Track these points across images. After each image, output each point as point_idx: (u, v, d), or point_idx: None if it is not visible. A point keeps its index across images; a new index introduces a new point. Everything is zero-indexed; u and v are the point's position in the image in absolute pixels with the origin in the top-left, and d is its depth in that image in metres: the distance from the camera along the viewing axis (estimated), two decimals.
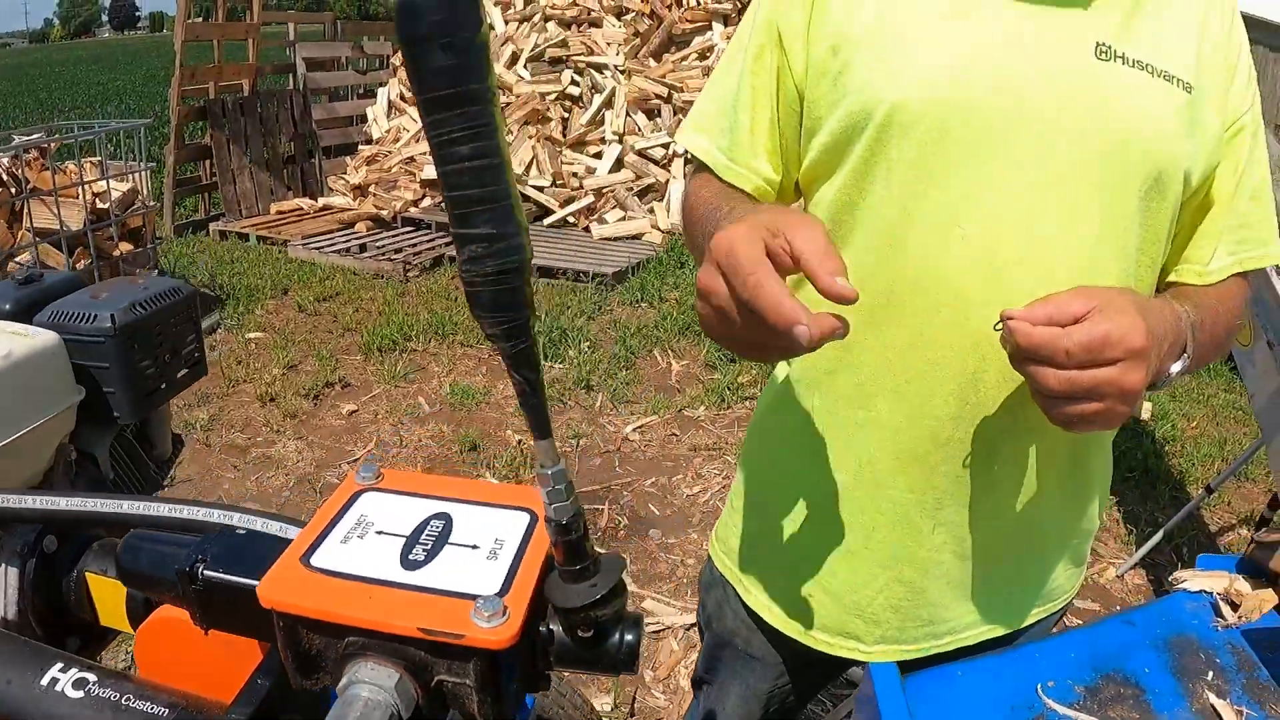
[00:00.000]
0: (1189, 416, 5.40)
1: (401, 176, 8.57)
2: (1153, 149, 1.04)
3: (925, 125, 1.03)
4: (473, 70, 0.53)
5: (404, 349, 5.42)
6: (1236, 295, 1.19)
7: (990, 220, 1.03)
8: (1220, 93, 1.10)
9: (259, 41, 8.94)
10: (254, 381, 4.95)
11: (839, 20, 1.09)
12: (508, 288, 0.59)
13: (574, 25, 9.94)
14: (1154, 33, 1.06)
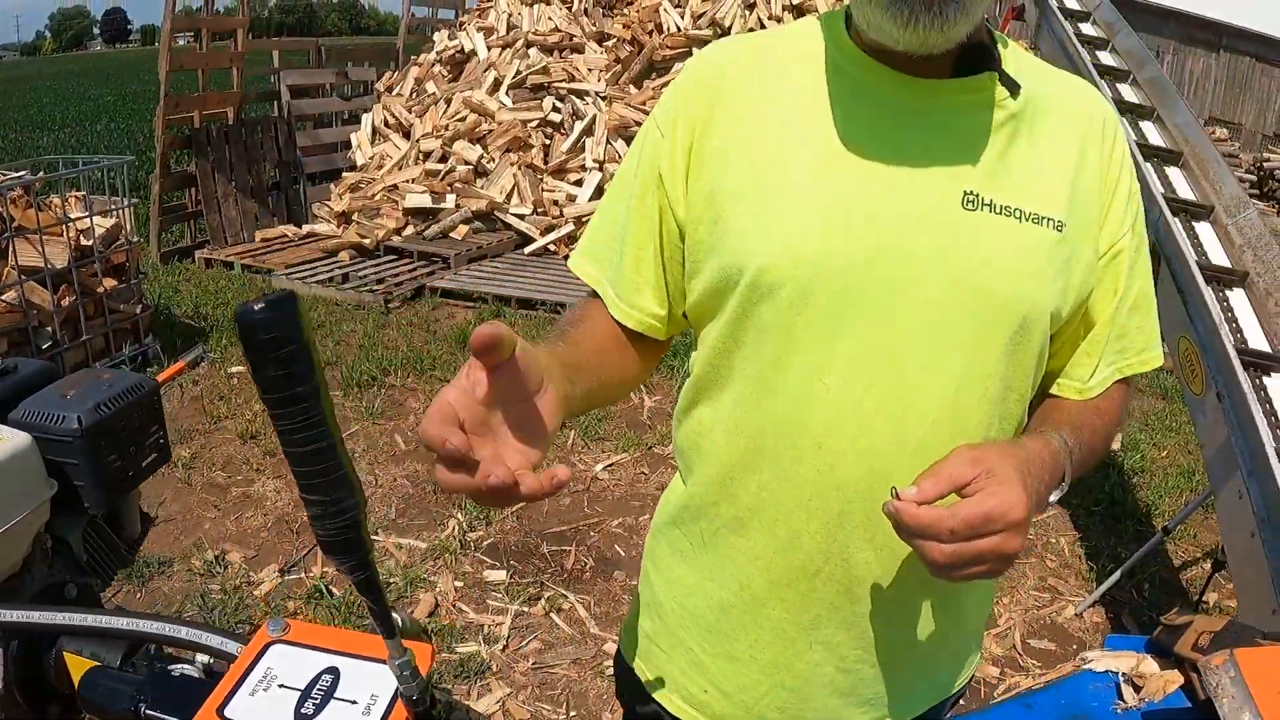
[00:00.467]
0: (1159, 445, 5.47)
1: (384, 204, 8.64)
2: (1018, 296, 1.08)
3: (791, 286, 1.08)
4: (299, 377, 0.69)
5: (382, 384, 5.50)
6: (1118, 402, 1.25)
7: (853, 373, 1.08)
8: (1096, 221, 1.14)
9: (243, 69, 9.03)
10: (235, 418, 5.03)
11: (714, 169, 1.14)
12: (346, 538, 0.76)
13: (556, 51, 10.03)
14: (1025, 175, 1.10)
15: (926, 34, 1.00)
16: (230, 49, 8.83)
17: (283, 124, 9.45)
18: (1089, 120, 1.17)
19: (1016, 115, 1.11)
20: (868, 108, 1.11)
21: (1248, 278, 3.64)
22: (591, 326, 1.24)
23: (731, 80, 1.17)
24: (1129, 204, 1.18)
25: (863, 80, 1.12)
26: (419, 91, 10.42)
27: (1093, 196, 1.14)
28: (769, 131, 1.13)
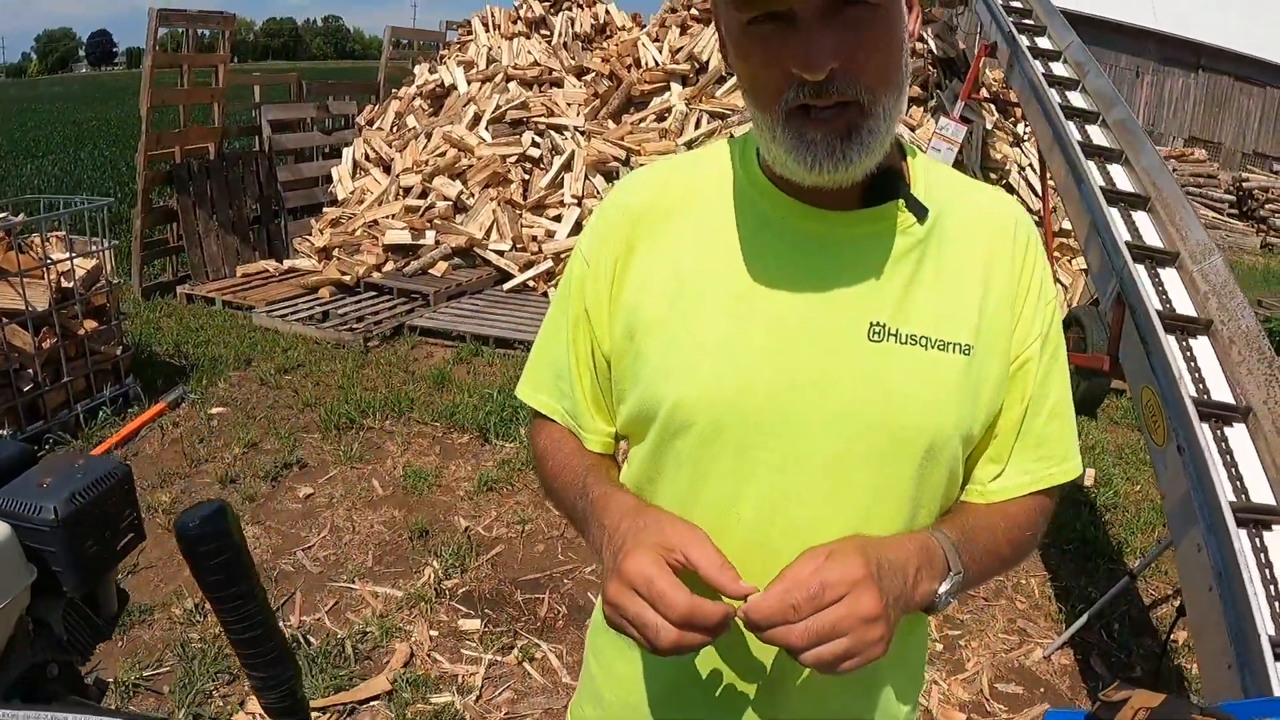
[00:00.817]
0: (1133, 479, 5.50)
1: (365, 240, 8.68)
2: (924, 426, 1.11)
3: (703, 422, 1.13)
4: (235, 579, 0.80)
5: (361, 426, 5.52)
6: (1032, 511, 1.25)
7: (763, 503, 1.13)
8: (1006, 335, 1.17)
9: (224, 104, 9.07)
10: (215, 461, 5.04)
11: (633, 303, 1.18)
12: (284, 705, 0.86)
13: (535, 85, 10.08)
14: (931, 302, 1.13)
15: (831, 175, 1.04)
16: (211, 84, 8.86)
17: (264, 158, 9.48)
18: (999, 230, 1.20)
19: (923, 240, 1.14)
20: (776, 240, 1.15)
21: (1211, 325, 3.67)
22: (568, 462, 1.30)
23: (648, 213, 1.21)
24: (1040, 311, 1.20)
25: (771, 212, 1.16)
26: (399, 125, 10.47)
27: (1002, 311, 1.17)
28: (683, 265, 1.17)
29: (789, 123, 1.03)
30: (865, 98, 1.01)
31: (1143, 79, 31.19)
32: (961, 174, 1.30)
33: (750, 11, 1.00)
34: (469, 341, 7.09)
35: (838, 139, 1.02)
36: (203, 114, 9.41)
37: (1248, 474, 3.11)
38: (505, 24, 11.17)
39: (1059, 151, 4.89)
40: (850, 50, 0.99)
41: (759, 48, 1.02)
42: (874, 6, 0.99)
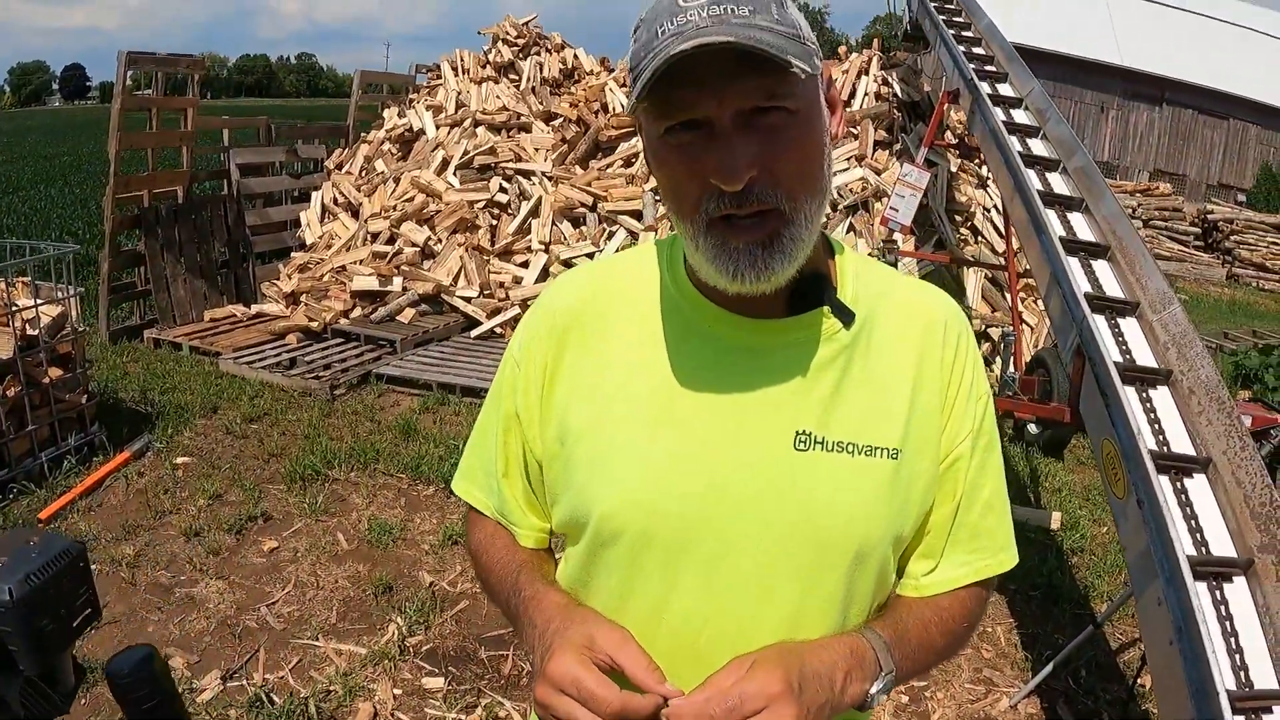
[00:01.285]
0: (1100, 521, 5.52)
1: (332, 285, 8.65)
2: (851, 533, 1.12)
3: (631, 533, 1.13)
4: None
5: (326, 478, 5.48)
6: (966, 604, 1.26)
7: (691, 610, 1.14)
8: (935, 436, 1.18)
9: (193, 148, 9.05)
10: (180, 513, 4.99)
11: (563, 410, 1.19)
12: None
13: (504, 130, 10.11)
14: (858, 408, 1.14)
15: (754, 284, 1.04)
16: (180, 128, 8.85)
17: (232, 202, 9.46)
18: (928, 327, 1.21)
19: (850, 345, 1.15)
20: (702, 348, 1.15)
21: (1171, 376, 3.70)
22: (501, 557, 1.30)
23: (577, 318, 1.21)
24: (970, 408, 1.21)
25: (697, 320, 1.16)
26: (368, 169, 10.48)
27: (932, 411, 1.18)
28: (610, 372, 1.17)
29: (710, 232, 1.04)
30: (786, 205, 1.02)
31: (1108, 114, 31.60)
32: (892, 270, 1.30)
33: (667, 120, 1.01)
34: (435, 390, 7.07)
35: (759, 247, 1.03)
36: (171, 157, 9.38)
37: (1208, 526, 3.13)
38: (474, 68, 11.23)
39: (1020, 201, 4.93)
40: (768, 158, 1.00)
41: (677, 157, 1.03)
42: (791, 113, 1.00)
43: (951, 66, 7.05)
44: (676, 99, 0.99)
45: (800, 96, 1.01)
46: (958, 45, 7.21)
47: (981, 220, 9.44)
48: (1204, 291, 17.40)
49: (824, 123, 1.07)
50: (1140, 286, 4.21)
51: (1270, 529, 2.99)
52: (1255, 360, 9.55)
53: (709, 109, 0.98)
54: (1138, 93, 31.41)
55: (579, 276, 1.28)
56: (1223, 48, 31.73)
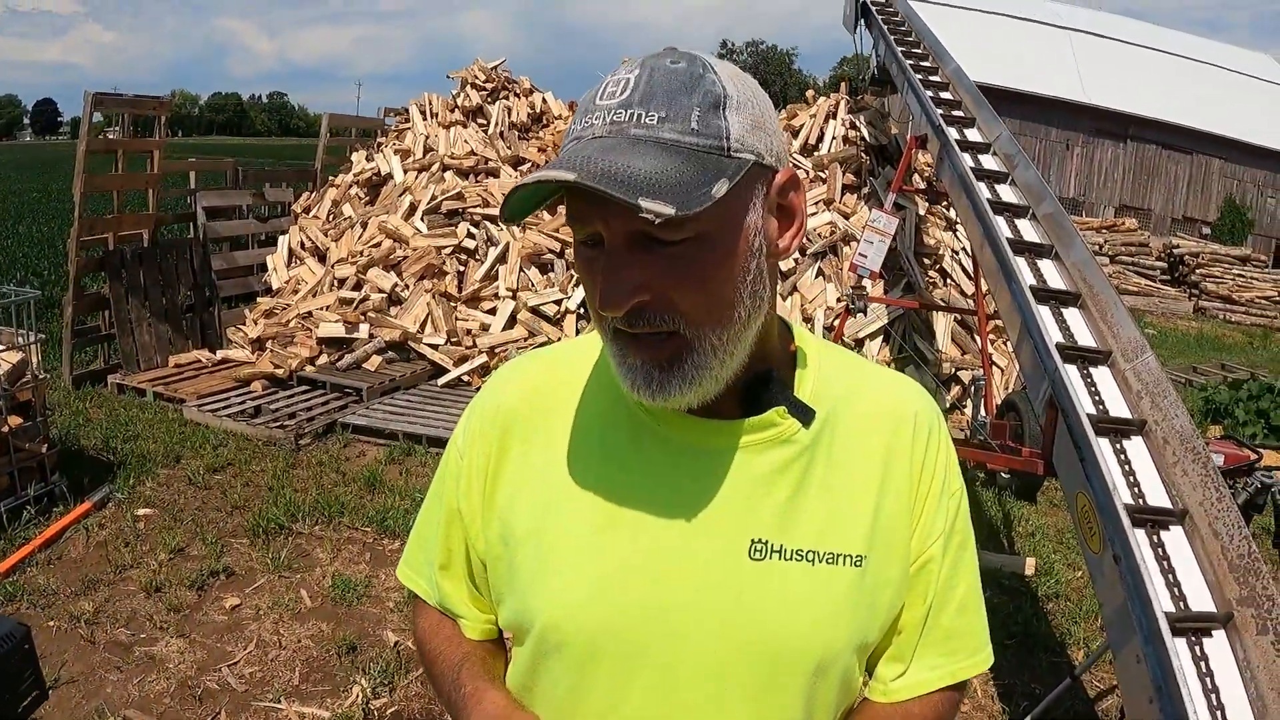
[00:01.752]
0: (1074, 565, 5.50)
1: (299, 332, 8.57)
2: (810, 645, 1.06)
3: (576, 645, 1.07)
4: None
5: (290, 531, 5.37)
6: (940, 708, 1.20)
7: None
8: (904, 538, 1.13)
9: (159, 190, 8.98)
10: (140, 567, 4.87)
11: (505, 511, 1.12)
12: None
13: (472, 175, 10.10)
14: (819, 514, 1.08)
15: (651, 402, 0.99)
16: (146, 170, 8.78)
17: (198, 246, 9.37)
18: (898, 424, 1.15)
19: (810, 446, 1.09)
20: (651, 450, 1.09)
21: (1145, 426, 3.69)
22: (444, 649, 1.24)
23: (521, 414, 1.15)
24: (942, 507, 1.16)
25: (646, 419, 1.10)
26: (335, 214, 10.43)
27: (900, 514, 1.13)
28: (553, 474, 1.11)
29: (614, 340, 0.99)
30: (688, 331, 0.96)
31: (1073, 151, 32.04)
32: (860, 359, 1.24)
33: (579, 235, 0.97)
34: (402, 440, 6.97)
35: (656, 368, 0.97)
36: (137, 199, 9.30)
37: (1186, 579, 3.11)
38: (443, 112, 11.22)
39: (989, 248, 4.93)
40: (661, 285, 0.94)
41: (585, 265, 0.99)
42: (696, 239, 0.93)
43: (919, 112, 7.08)
44: (574, 211, 0.95)
45: (709, 219, 0.92)
46: (925, 90, 7.25)
47: (950, 263, 9.48)
48: (1171, 325, 17.54)
49: (750, 244, 0.98)
50: (1112, 335, 4.20)
51: (1249, 581, 2.97)
52: (1225, 395, 9.62)
53: (600, 227, 0.93)
54: (1102, 129, 31.90)
55: (522, 369, 1.22)
56: (1185, 83, 32.37)
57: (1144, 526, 3.24)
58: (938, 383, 8.30)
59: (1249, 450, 4.35)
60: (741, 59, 77.70)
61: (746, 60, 77.62)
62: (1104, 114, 31.43)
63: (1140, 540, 3.14)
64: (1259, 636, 2.82)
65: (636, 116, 0.91)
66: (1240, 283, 20.82)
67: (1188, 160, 32.70)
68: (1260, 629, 2.83)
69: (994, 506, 6.44)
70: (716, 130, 0.92)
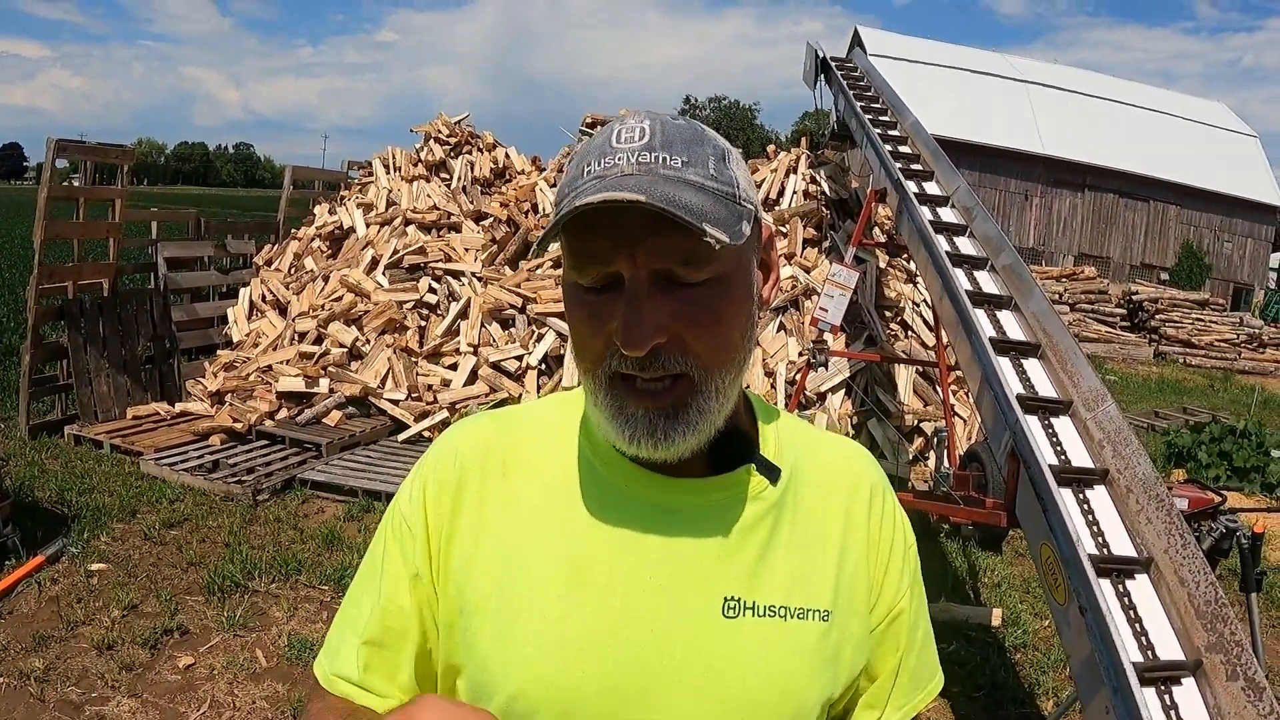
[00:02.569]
0: (1041, 614, 5.49)
1: (258, 385, 8.50)
2: (785, 699, 1.05)
3: (546, 714, 1.02)
4: None
5: (246, 589, 5.27)
6: None
7: None
8: (865, 596, 1.13)
9: (120, 240, 8.93)
10: (93, 624, 4.77)
11: (459, 576, 1.07)
12: None
13: (434, 230, 10.13)
14: (788, 570, 1.07)
15: (651, 452, 0.98)
16: (108, 218, 8.73)
17: (159, 296, 9.31)
18: (855, 485, 1.17)
19: (777, 504, 1.09)
20: (618, 510, 1.06)
21: (1108, 475, 3.70)
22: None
23: (473, 476, 1.10)
24: (905, 561, 1.18)
25: (613, 478, 1.07)
26: (298, 267, 10.42)
27: (860, 570, 1.14)
28: (513, 536, 1.07)
29: (611, 389, 0.98)
30: (696, 374, 0.96)
31: (1032, 201, 32.61)
32: (809, 425, 1.26)
33: (581, 272, 0.96)
34: (361, 497, 6.87)
35: (661, 417, 0.97)
36: (98, 248, 9.24)
37: (1153, 628, 3.12)
38: (406, 166, 11.27)
39: (948, 300, 4.96)
40: (680, 325, 0.94)
41: (586, 310, 0.97)
42: (713, 279, 0.95)
43: (878, 166, 7.15)
44: (591, 250, 0.94)
45: (726, 260, 0.96)
46: (884, 144, 7.33)
47: (911, 315, 9.55)
48: (1133, 371, 17.74)
49: (752, 288, 1.02)
50: (1072, 384, 4.22)
51: (1216, 627, 2.98)
52: (1187, 439, 9.72)
53: (623, 265, 0.93)
54: (1060, 179, 32.51)
55: (476, 424, 1.17)
56: (1141, 133, 33.12)
57: (1109, 576, 3.24)
58: (900, 435, 8.31)
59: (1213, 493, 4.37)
60: (705, 114, 78.41)
61: (709, 115, 78.29)
62: (1062, 164, 32.05)
63: (1106, 590, 3.14)
64: (1229, 682, 2.83)
65: (662, 159, 0.93)
66: (1199, 326, 21.19)
67: (1145, 208, 33.38)
68: (1230, 675, 2.83)
69: (959, 558, 6.44)
70: (729, 179, 0.96)
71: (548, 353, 8.73)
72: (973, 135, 30.24)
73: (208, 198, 78.07)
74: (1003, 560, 6.48)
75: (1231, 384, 17.46)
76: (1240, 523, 3.79)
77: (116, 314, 8.66)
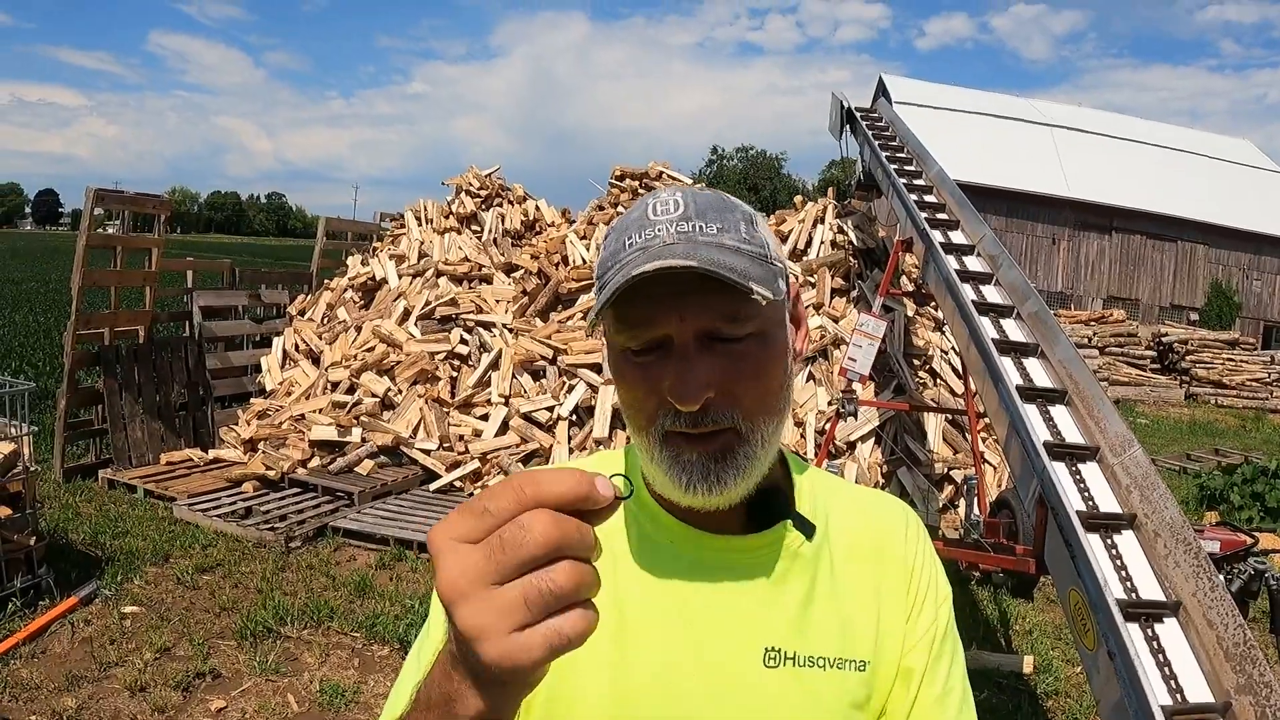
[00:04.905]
0: (1073, 661, 5.44)
1: (291, 434, 8.59)
2: None
3: None
4: None
5: (278, 635, 5.30)
6: None
7: None
8: (898, 644, 1.15)
9: (156, 289, 9.08)
10: (126, 665, 4.81)
11: None
12: None
13: (465, 281, 10.21)
14: (827, 620, 1.11)
15: (705, 498, 1.01)
16: (145, 267, 8.88)
17: (193, 345, 9.45)
18: (888, 533, 1.20)
19: (814, 558, 1.13)
20: (663, 567, 1.11)
21: (1135, 519, 3.69)
22: None
23: None
24: (933, 606, 1.19)
25: (656, 536, 1.12)
26: (330, 317, 10.52)
27: (897, 618, 1.16)
28: None
29: (666, 444, 1.02)
30: (743, 425, 1.01)
31: (1059, 245, 32.49)
32: (843, 480, 1.30)
33: (629, 338, 1.01)
34: (393, 546, 6.91)
35: (712, 461, 1.00)
36: (135, 296, 9.38)
37: (1182, 671, 3.11)
38: (438, 218, 11.39)
39: (975, 349, 4.98)
40: (727, 380, 0.99)
41: (637, 372, 1.02)
42: (754, 335, 1.00)
43: (904, 215, 7.18)
44: (639, 315, 0.99)
45: (764, 317, 1.02)
46: (909, 194, 7.37)
47: (940, 363, 9.53)
48: (1164, 414, 17.57)
49: (787, 343, 1.08)
50: (1099, 430, 4.23)
51: (1245, 669, 2.97)
52: (1219, 481, 9.61)
53: (670, 327, 0.98)
54: (1087, 223, 32.38)
55: None
56: (1167, 173, 32.97)
57: (1137, 620, 3.24)
58: (930, 483, 8.29)
59: (1244, 535, 4.36)
60: (731, 164, 78.56)
61: (737, 165, 78.41)
62: (1089, 207, 31.94)
63: (1134, 634, 3.13)
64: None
65: (699, 227, 0.99)
66: (1230, 366, 21.00)
67: (1173, 248, 33.19)
68: (1259, 716, 2.83)
69: (990, 605, 6.40)
70: (760, 241, 1.03)
71: (578, 404, 8.76)
72: (999, 180, 30.23)
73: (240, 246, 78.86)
74: (1034, 607, 6.44)
75: (1264, 424, 17.30)
76: (1269, 565, 3.78)
77: (152, 361, 8.81)
